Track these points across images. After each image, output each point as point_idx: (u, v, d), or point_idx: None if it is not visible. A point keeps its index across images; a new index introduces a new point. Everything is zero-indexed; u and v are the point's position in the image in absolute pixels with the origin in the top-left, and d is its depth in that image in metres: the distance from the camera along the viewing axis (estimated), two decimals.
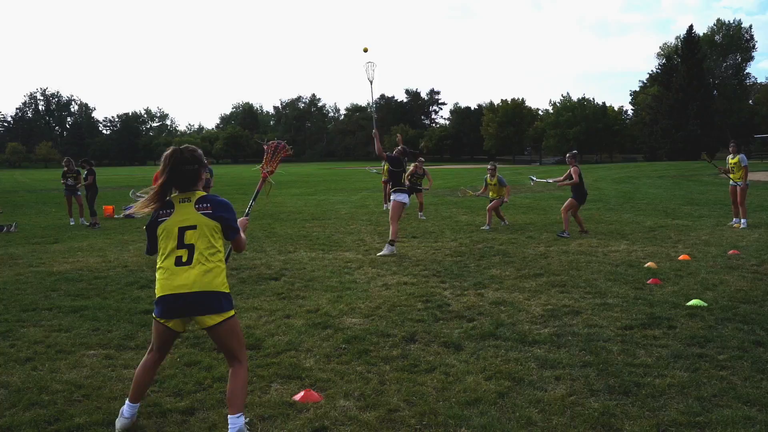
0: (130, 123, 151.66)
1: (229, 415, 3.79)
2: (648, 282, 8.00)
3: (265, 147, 5.79)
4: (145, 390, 4.11)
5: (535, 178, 13.39)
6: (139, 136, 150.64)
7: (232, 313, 3.85)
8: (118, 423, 4.02)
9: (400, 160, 11.15)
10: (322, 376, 4.92)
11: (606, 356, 5.26)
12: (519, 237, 12.45)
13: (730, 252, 10.10)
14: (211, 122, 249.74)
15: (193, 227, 3.79)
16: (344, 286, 8.10)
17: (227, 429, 4.00)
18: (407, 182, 13.05)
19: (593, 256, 9.99)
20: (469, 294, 7.58)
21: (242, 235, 4.07)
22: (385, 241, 11.99)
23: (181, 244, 3.78)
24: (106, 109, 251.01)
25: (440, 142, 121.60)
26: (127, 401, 4.05)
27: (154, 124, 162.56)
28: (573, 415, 4.14)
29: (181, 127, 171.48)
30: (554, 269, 8.97)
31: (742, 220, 13.33)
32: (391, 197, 11.16)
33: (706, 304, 6.81)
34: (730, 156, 14.36)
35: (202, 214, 3.80)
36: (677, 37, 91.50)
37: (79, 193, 17.04)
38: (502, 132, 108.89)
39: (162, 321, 3.84)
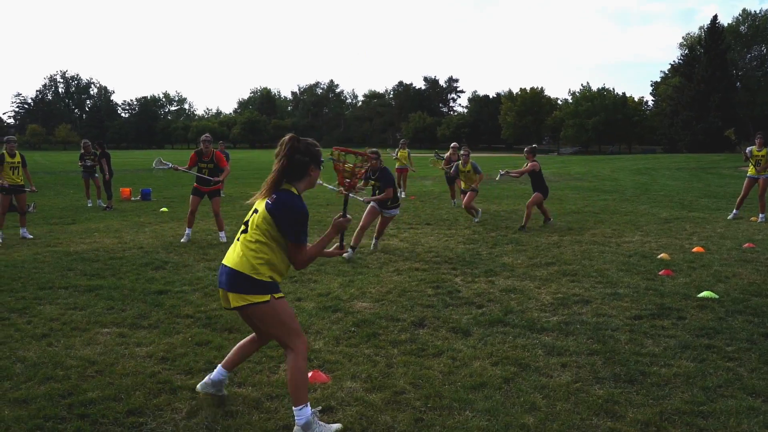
0: (148, 106, 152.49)
1: (293, 407, 3.74)
2: (660, 273, 7.98)
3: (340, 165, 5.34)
4: (237, 361, 4.19)
5: (502, 171, 13.09)
6: (157, 120, 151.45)
7: (264, 297, 3.67)
8: (201, 383, 4.17)
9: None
10: (331, 358, 5.00)
11: (613, 345, 5.28)
12: (533, 226, 12.43)
13: (746, 245, 10.03)
14: (228, 107, 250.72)
15: (256, 211, 3.82)
16: (356, 271, 8.16)
17: (236, 406, 4.11)
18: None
19: (606, 247, 9.97)
20: (480, 281, 7.61)
21: (304, 250, 3.76)
22: (399, 228, 12.02)
23: (245, 221, 3.87)
24: (125, 93, 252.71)
25: (458, 130, 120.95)
26: (219, 365, 4.20)
27: (172, 108, 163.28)
28: (577, 402, 4.18)
29: (199, 111, 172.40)
30: (566, 258, 8.97)
31: (761, 215, 13.15)
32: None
33: (717, 296, 6.79)
34: (755, 147, 14.08)
35: (266, 202, 3.76)
36: (701, 27, 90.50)
37: (96, 175, 17.23)
38: (521, 121, 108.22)
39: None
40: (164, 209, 15.67)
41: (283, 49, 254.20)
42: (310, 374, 4.57)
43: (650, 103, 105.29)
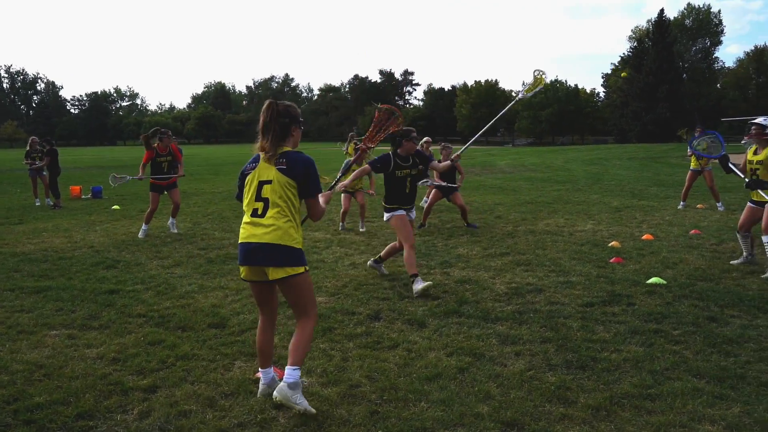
0: (99, 102, 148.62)
1: (287, 366, 3.93)
2: (611, 261, 8.16)
3: (376, 114, 5.29)
4: (270, 353, 4.23)
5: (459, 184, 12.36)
6: (108, 116, 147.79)
7: (301, 269, 3.95)
8: (259, 391, 4.17)
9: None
10: (286, 354, 4.93)
11: (566, 332, 5.38)
12: (488, 217, 12.57)
13: (692, 232, 10.33)
14: (182, 102, 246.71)
15: (269, 182, 3.91)
16: (312, 266, 8.12)
17: (189, 406, 4.05)
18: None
19: (559, 236, 10.14)
20: (436, 273, 7.66)
21: (321, 201, 4.12)
22: (355, 221, 12.02)
23: (258, 196, 3.94)
24: (74, 88, 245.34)
25: (414, 123, 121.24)
26: (259, 369, 4.24)
27: (124, 104, 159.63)
28: (530, 389, 4.24)
29: (152, 107, 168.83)
30: (520, 248, 9.09)
31: (718, 204, 13.42)
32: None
33: (665, 282, 6.98)
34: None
35: (277, 169, 3.90)
36: (648, 21, 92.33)
37: (44, 173, 16.75)
38: (476, 113, 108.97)
39: (241, 270, 4.08)
40: (116, 207, 15.33)
41: (237, 43, 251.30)
42: None
43: (601, 94, 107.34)
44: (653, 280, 7.06)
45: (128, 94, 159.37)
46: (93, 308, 6.30)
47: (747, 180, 7.59)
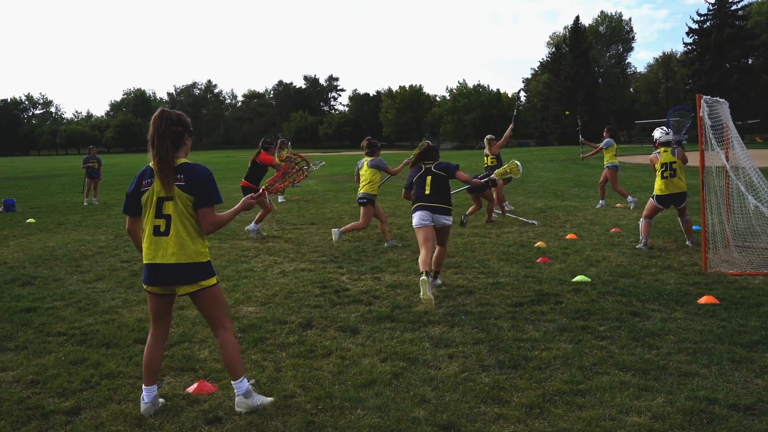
0: (9, 110, 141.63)
1: (233, 381, 4.04)
2: (537, 261, 8.36)
3: (285, 166, 5.24)
4: (157, 370, 4.12)
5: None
6: (20, 125, 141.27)
7: (212, 281, 3.97)
8: (142, 408, 4.03)
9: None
10: (217, 367, 4.83)
11: (497, 333, 5.47)
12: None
13: (613, 230, 10.72)
14: (100, 109, 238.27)
15: (170, 198, 3.86)
16: (240, 275, 7.97)
17: (116, 426, 3.88)
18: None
19: (487, 238, 10.32)
20: (366, 278, 7.65)
21: (214, 214, 3.95)
22: (283, 228, 11.88)
23: (159, 213, 3.88)
24: None
25: (340, 128, 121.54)
26: (143, 386, 4.07)
27: (37, 112, 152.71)
28: (465, 391, 4.28)
29: (68, 115, 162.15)
30: (449, 251, 9.19)
31: (630, 198, 14.06)
32: None
33: (589, 280, 7.20)
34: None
35: (176, 185, 3.85)
36: (565, 27, 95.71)
37: None
38: (401, 118, 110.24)
39: (148, 288, 3.99)
40: (31, 220, 14.60)
41: (157, 48, 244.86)
42: (195, 385, 4.41)
43: (523, 98, 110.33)
44: (578, 278, 7.27)
45: (41, 101, 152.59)
46: (8, 328, 5.96)
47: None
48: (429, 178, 7.22)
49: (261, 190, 4.68)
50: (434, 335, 5.45)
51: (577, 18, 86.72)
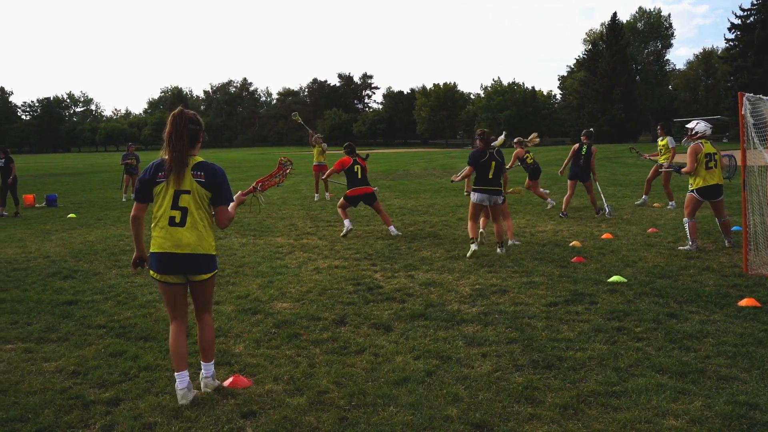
0: (51, 108, 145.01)
1: (204, 362, 4.35)
2: (572, 260, 8.27)
3: (278, 167, 5.25)
4: (185, 355, 4.29)
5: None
6: (62, 122, 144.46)
7: (216, 271, 4.28)
8: (179, 396, 4.16)
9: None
10: (252, 362, 4.90)
11: (531, 332, 5.43)
12: (450, 219, 12.63)
13: (650, 230, 10.55)
14: (138, 107, 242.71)
15: (188, 192, 4.07)
16: (275, 271, 8.05)
17: (154, 418, 3.96)
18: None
19: (521, 237, 10.25)
20: (400, 276, 7.66)
21: (230, 209, 4.25)
22: (317, 226, 11.97)
23: (175, 205, 4.07)
24: (25, 94, 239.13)
25: (373, 126, 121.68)
26: (175, 374, 4.20)
27: (78, 109, 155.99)
28: (498, 390, 4.26)
29: (107, 112, 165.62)
30: (483, 250, 9.15)
31: (671, 203, 13.85)
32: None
33: (625, 280, 7.10)
34: (660, 138, 15.00)
35: (196, 181, 4.08)
36: (602, 24, 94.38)
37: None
38: (435, 116, 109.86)
39: (157, 276, 4.15)
40: (72, 215, 14.96)
41: (193, 47, 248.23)
42: (231, 379, 4.47)
43: (558, 96, 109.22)
44: (614, 278, 7.18)
45: (82, 99, 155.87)
46: (50, 320, 6.13)
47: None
48: (493, 163, 8.82)
49: (252, 187, 4.82)
50: (468, 334, 5.44)
51: (615, 14, 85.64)
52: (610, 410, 3.93)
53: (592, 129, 14.08)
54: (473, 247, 8.68)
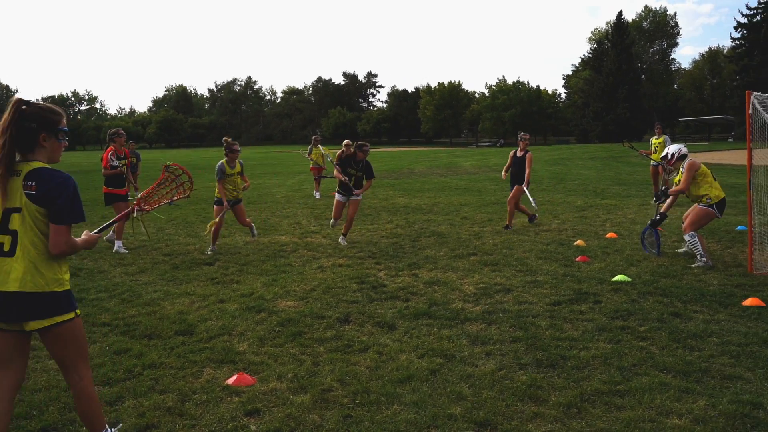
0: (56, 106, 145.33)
1: None
2: (576, 259, 8.27)
3: (162, 174, 4.39)
4: (5, 425, 3.23)
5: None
6: (66, 120, 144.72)
7: (68, 316, 3.16)
8: None
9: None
10: (256, 360, 4.91)
11: (535, 331, 5.43)
12: (454, 218, 12.63)
13: None
14: (143, 105, 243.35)
15: (18, 210, 3.07)
16: (279, 270, 8.06)
17: (157, 415, 3.97)
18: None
19: (525, 236, 10.24)
20: (404, 274, 7.67)
21: (69, 235, 3.13)
22: (321, 224, 11.99)
23: (4, 228, 3.08)
24: (29, 92, 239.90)
25: (378, 125, 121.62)
26: None
27: (83, 108, 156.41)
28: (502, 389, 4.27)
29: (112, 111, 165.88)
30: (487, 249, 9.15)
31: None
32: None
33: (629, 279, 7.10)
34: (655, 137, 15.01)
35: (26, 194, 3.06)
36: (607, 23, 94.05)
37: None
38: (439, 115, 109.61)
39: None
40: None
41: (198, 46, 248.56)
42: (235, 377, 4.48)
43: (563, 95, 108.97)
44: (618, 277, 7.17)
45: (87, 98, 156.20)
46: None
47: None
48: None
49: (131, 207, 3.96)
50: (471, 332, 5.44)
51: (620, 13, 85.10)
52: (614, 409, 3.93)
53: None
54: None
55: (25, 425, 3.88)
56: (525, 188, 11.01)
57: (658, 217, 8.54)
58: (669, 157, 8.42)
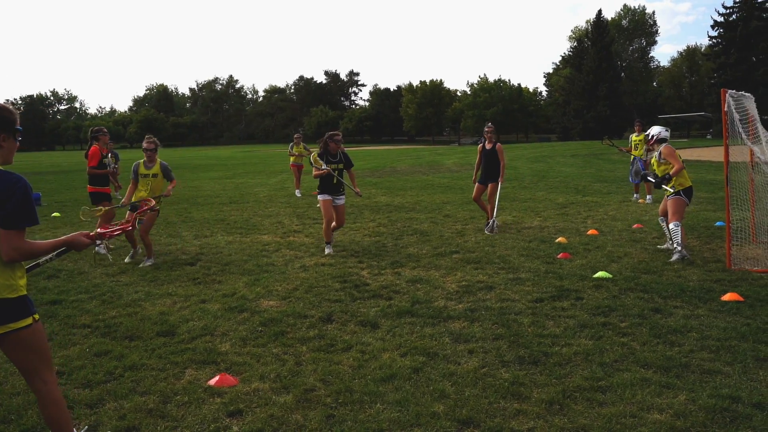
0: (35, 106, 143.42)
1: None
2: (558, 256, 8.31)
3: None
4: None
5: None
6: (45, 120, 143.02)
7: (24, 322, 3.06)
8: None
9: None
10: (238, 360, 4.88)
11: (517, 328, 5.45)
12: (436, 216, 12.65)
13: (635, 226, 10.63)
14: (123, 105, 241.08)
15: None
16: (261, 269, 8.02)
17: (139, 418, 3.94)
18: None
19: (507, 233, 10.29)
20: (387, 273, 7.66)
21: (22, 240, 3.01)
22: (304, 223, 11.94)
23: None
24: (7, 91, 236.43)
25: (360, 123, 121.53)
26: None
27: (62, 107, 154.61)
28: (485, 386, 4.28)
29: (92, 110, 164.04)
30: (470, 246, 9.18)
31: (648, 196, 14.00)
32: None
33: (611, 276, 7.15)
34: (635, 134, 15.14)
35: None
36: (587, 21, 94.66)
37: None
38: (422, 113, 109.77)
39: None
40: (56, 214, 14.84)
41: (179, 45, 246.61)
42: (217, 378, 4.45)
43: (544, 93, 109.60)
44: (599, 274, 7.22)
45: (66, 97, 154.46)
46: None
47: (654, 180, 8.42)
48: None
49: (95, 232, 3.57)
50: (454, 330, 5.45)
51: (600, 12, 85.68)
52: (596, 405, 3.96)
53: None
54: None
55: (3, 429, 3.82)
56: (499, 184, 10.88)
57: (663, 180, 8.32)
58: (650, 137, 8.67)
